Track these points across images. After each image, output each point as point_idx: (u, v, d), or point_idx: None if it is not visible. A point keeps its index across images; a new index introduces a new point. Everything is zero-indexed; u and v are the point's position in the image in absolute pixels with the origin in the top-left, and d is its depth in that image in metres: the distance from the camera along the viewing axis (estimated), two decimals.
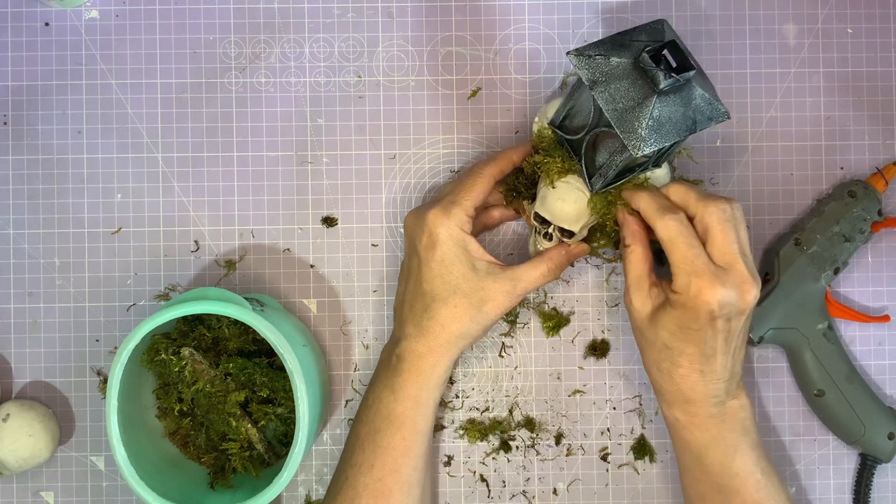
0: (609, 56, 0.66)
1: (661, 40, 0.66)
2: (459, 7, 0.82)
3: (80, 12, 0.82)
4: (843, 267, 0.79)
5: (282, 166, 0.82)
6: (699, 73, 0.67)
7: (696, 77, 0.66)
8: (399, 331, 0.75)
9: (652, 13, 0.82)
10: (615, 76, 0.65)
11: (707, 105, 0.66)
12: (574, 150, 0.72)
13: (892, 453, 0.79)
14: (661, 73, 0.64)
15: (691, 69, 0.64)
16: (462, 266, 0.73)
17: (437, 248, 0.72)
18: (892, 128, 0.82)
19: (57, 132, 0.82)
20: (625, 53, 0.66)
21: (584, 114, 0.70)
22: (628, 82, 0.65)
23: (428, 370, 0.73)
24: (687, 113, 0.66)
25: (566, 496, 0.82)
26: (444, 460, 0.82)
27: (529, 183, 0.76)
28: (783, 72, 0.82)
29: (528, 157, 0.76)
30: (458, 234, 0.72)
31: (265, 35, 0.82)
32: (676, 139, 0.66)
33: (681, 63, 0.64)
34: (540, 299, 0.82)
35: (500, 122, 0.82)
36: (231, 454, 0.76)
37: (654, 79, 0.64)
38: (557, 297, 0.82)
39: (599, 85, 0.65)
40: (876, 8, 0.82)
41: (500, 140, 0.82)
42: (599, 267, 0.82)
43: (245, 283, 0.82)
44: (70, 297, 0.81)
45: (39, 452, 0.78)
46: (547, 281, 0.75)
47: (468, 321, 0.73)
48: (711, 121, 0.66)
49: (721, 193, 0.82)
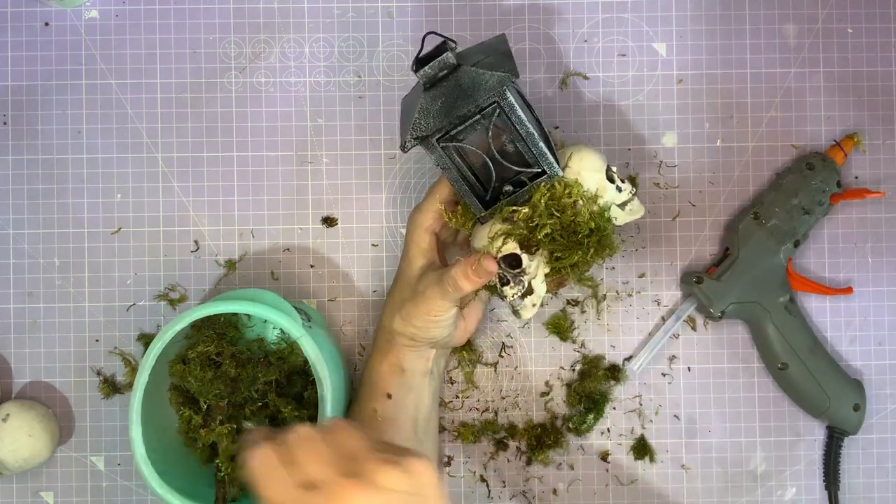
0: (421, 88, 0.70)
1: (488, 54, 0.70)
2: (459, 7, 0.82)
3: (80, 12, 0.82)
4: (804, 240, 0.79)
5: (282, 166, 0.82)
6: (471, 55, 0.70)
7: (473, 59, 0.69)
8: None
9: (652, 13, 0.82)
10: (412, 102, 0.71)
11: (481, 79, 0.67)
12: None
13: (859, 425, 0.79)
14: (419, 72, 0.68)
15: (436, 56, 0.67)
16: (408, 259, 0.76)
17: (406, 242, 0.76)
18: (892, 128, 0.82)
19: (57, 132, 0.82)
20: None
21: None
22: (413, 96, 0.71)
23: (389, 358, 0.75)
24: (466, 93, 0.67)
25: (566, 496, 0.82)
26: (444, 460, 0.82)
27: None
28: (783, 72, 0.82)
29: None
30: (418, 229, 0.75)
31: (265, 35, 0.82)
32: (448, 119, 0.67)
33: (431, 55, 0.67)
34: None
35: None
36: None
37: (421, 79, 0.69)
38: (557, 296, 0.82)
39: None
40: (876, 8, 0.82)
41: None
42: (599, 266, 0.82)
43: (245, 284, 0.82)
44: (70, 297, 0.81)
45: (39, 452, 0.78)
46: (444, 290, 0.71)
47: (406, 312, 0.74)
48: (491, 91, 0.67)
49: (721, 193, 0.82)
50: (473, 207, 0.71)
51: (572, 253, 0.70)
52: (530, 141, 0.68)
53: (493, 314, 0.82)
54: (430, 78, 0.68)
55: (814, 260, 0.82)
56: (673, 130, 0.82)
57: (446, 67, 0.68)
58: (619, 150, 0.82)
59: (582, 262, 0.70)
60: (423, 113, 0.68)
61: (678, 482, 0.82)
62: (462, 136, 0.69)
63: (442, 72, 0.68)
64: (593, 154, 0.71)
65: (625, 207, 0.72)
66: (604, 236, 0.71)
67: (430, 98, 0.68)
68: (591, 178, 0.71)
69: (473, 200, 0.71)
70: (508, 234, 0.70)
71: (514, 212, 0.70)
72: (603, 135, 0.82)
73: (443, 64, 0.68)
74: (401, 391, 0.75)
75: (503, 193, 0.70)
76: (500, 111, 0.67)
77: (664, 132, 0.82)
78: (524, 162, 0.70)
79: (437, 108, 0.68)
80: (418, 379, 0.75)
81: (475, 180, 0.71)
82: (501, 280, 0.70)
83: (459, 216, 0.73)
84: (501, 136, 0.70)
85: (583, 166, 0.70)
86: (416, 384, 0.75)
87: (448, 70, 0.68)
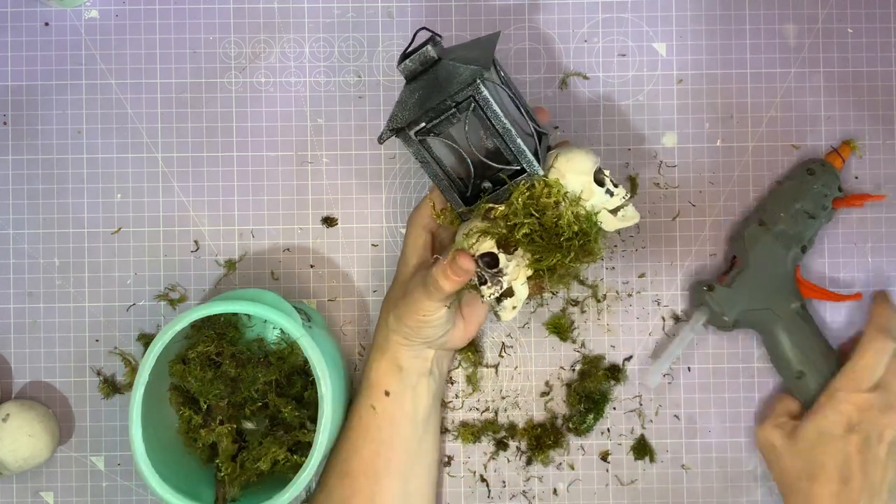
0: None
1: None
2: (459, 7, 0.82)
3: (80, 12, 0.82)
4: (810, 245, 0.79)
5: (282, 166, 0.82)
6: (456, 51, 0.71)
7: (456, 54, 0.69)
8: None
9: (652, 13, 0.82)
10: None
11: (456, 72, 0.67)
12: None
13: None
14: (401, 65, 0.69)
15: (418, 51, 0.68)
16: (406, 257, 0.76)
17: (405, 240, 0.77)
18: (892, 128, 0.82)
19: (57, 132, 0.82)
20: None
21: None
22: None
23: (387, 355, 0.75)
24: (441, 86, 0.67)
25: (566, 496, 0.82)
26: (444, 460, 0.82)
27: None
28: (783, 72, 0.82)
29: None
30: (415, 228, 0.75)
31: (265, 35, 0.82)
32: (423, 111, 0.67)
33: (416, 49, 0.68)
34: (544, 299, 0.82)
35: None
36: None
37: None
38: (557, 296, 0.82)
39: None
40: (876, 8, 0.82)
41: None
42: (598, 267, 0.82)
43: (245, 284, 0.82)
44: (70, 297, 0.81)
45: (39, 452, 0.78)
46: (428, 290, 0.70)
47: (400, 308, 0.74)
48: (464, 84, 0.66)
49: (721, 193, 0.82)
50: (453, 203, 0.71)
51: (551, 255, 0.68)
52: (507, 137, 0.67)
53: (493, 314, 0.82)
54: (410, 71, 0.69)
55: (814, 260, 0.82)
56: (673, 130, 0.82)
57: (427, 62, 0.68)
58: (619, 150, 0.82)
59: (560, 266, 0.68)
60: (401, 105, 0.68)
61: (678, 482, 0.82)
62: (440, 129, 0.68)
63: (423, 66, 0.69)
64: (582, 155, 0.69)
65: (617, 213, 0.70)
66: (587, 241, 0.68)
67: (409, 91, 0.69)
68: (577, 180, 0.68)
69: (453, 196, 0.70)
70: (486, 232, 0.68)
71: (492, 209, 0.69)
72: (603, 135, 0.82)
73: (423, 58, 0.68)
74: (399, 389, 0.75)
75: (483, 190, 0.70)
76: (476, 105, 0.67)
77: (664, 132, 0.82)
78: (504, 159, 0.69)
79: (414, 100, 0.68)
80: (416, 378, 0.75)
81: (456, 176, 0.71)
82: (480, 279, 0.69)
83: (448, 213, 0.73)
84: (482, 132, 0.70)
85: (568, 167, 0.68)
86: (414, 383, 0.75)
87: (429, 64, 0.68)
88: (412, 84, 0.69)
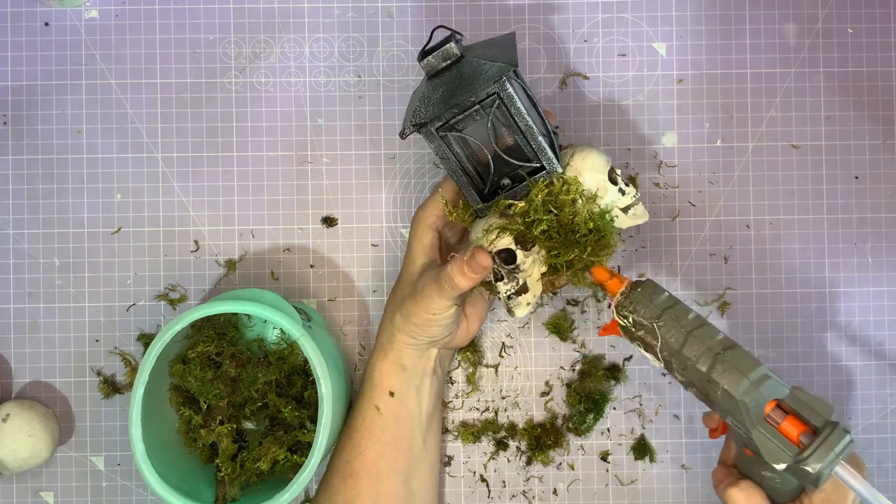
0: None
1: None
2: (459, 7, 0.82)
3: (80, 12, 0.82)
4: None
5: (282, 166, 0.82)
6: (477, 48, 0.71)
7: (477, 51, 0.69)
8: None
9: (652, 13, 0.82)
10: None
11: (482, 69, 0.67)
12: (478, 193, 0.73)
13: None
14: (423, 61, 0.69)
15: (442, 46, 0.68)
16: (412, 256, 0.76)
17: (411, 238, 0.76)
18: (892, 128, 0.82)
19: (57, 132, 0.82)
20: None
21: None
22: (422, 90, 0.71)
23: (390, 356, 0.75)
24: (466, 82, 0.68)
25: (566, 496, 0.82)
26: (444, 460, 0.82)
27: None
28: (783, 72, 0.82)
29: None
30: (421, 226, 0.75)
31: (265, 35, 0.82)
32: (447, 107, 0.67)
33: (437, 46, 0.69)
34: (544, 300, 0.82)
35: None
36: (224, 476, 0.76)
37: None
38: (557, 296, 0.82)
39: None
40: (876, 8, 0.82)
41: None
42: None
43: (245, 284, 0.82)
44: (70, 297, 0.81)
45: (39, 452, 0.78)
46: (442, 288, 0.70)
47: (410, 309, 0.73)
48: (490, 80, 0.66)
49: (721, 193, 0.82)
50: (471, 200, 0.71)
51: (568, 251, 0.69)
52: (529, 135, 0.68)
53: (493, 314, 0.82)
54: (433, 67, 0.69)
55: (814, 260, 0.82)
56: (673, 130, 0.82)
57: (450, 58, 0.69)
58: (619, 150, 0.82)
59: (578, 262, 0.70)
60: (424, 101, 0.68)
61: (678, 482, 0.82)
62: (462, 126, 0.69)
63: (445, 62, 0.69)
64: (597, 154, 0.71)
65: (628, 211, 0.72)
66: (603, 237, 0.70)
67: (432, 87, 0.69)
68: (592, 178, 0.70)
69: (471, 193, 0.71)
70: (504, 228, 0.69)
71: (511, 206, 0.69)
72: (603, 135, 0.82)
73: (446, 54, 0.68)
74: (403, 389, 0.75)
75: (501, 187, 0.70)
76: (500, 102, 0.67)
77: (664, 132, 0.82)
78: (524, 157, 0.69)
79: (438, 96, 0.68)
80: (420, 378, 0.75)
81: (474, 173, 0.71)
82: (496, 275, 0.70)
83: (461, 210, 0.73)
84: (502, 130, 0.70)
85: (584, 166, 0.70)
86: (418, 383, 0.75)
87: (451, 60, 0.69)
88: (434, 80, 0.69)
